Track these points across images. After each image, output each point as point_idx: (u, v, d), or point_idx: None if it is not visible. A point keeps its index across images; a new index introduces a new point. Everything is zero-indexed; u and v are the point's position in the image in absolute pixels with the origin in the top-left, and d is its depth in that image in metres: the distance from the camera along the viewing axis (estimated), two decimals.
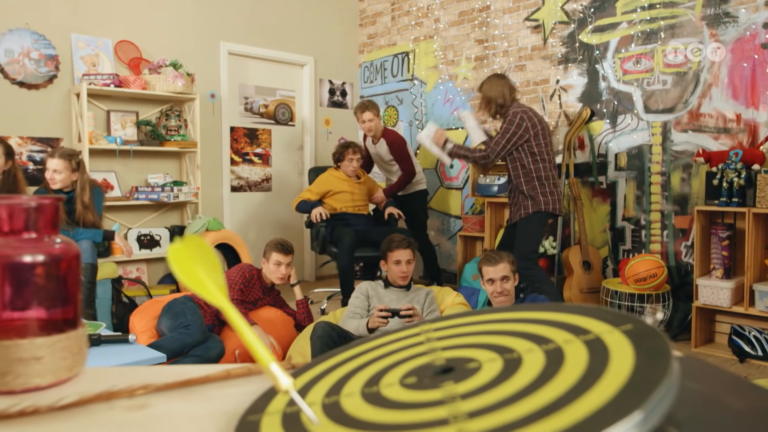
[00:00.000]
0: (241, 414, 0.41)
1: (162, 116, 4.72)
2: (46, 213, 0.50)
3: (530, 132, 3.53)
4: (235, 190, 5.30)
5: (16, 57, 4.15)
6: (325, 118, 5.85)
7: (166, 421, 0.43)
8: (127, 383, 0.49)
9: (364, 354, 0.48)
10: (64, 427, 0.43)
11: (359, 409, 0.37)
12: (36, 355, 0.48)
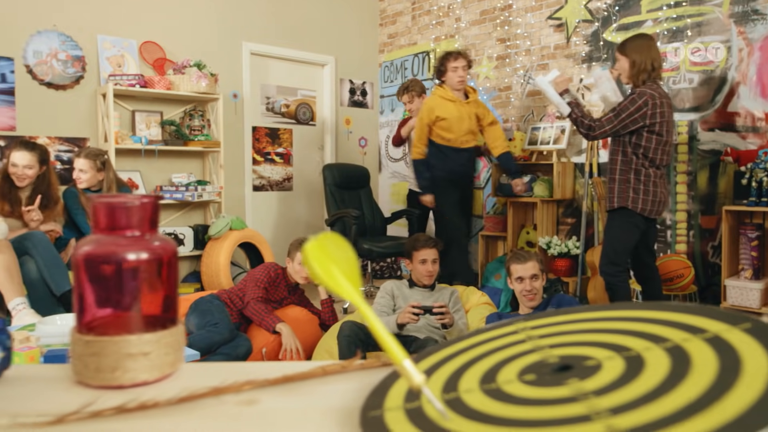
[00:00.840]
0: (360, 410, 0.41)
1: (186, 116, 4.76)
2: (148, 211, 0.51)
3: (646, 120, 3.03)
4: (256, 190, 5.33)
5: (44, 58, 4.20)
6: (346, 117, 5.87)
7: (279, 417, 0.44)
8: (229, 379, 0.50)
9: (463, 353, 0.49)
10: (181, 420, 0.43)
11: (485, 404, 0.38)
12: (143, 350, 0.49)
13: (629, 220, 3.14)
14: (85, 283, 0.50)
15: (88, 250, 0.50)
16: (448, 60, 3.92)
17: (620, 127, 3.07)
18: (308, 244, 0.38)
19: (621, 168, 3.17)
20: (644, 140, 3.07)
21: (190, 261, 4.83)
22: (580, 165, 4.53)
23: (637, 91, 3.07)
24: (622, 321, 0.46)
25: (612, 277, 3.19)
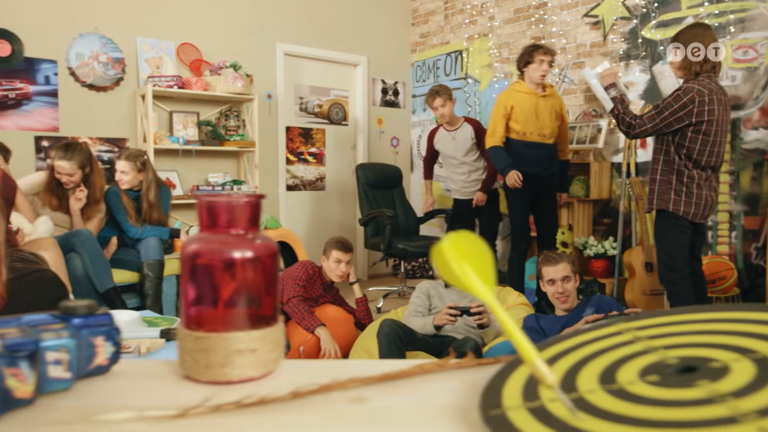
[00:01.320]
0: (479, 409, 0.41)
1: (221, 116, 4.83)
2: (252, 210, 0.52)
3: (692, 119, 2.86)
4: (290, 189, 5.38)
5: (86, 60, 4.30)
6: (378, 117, 5.88)
7: (393, 415, 0.45)
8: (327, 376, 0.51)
9: (565, 355, 0.48)
10: (297, 417, 0.44)
11: (614, 405, 0.38)
12: (251, 346, 0.50)
13: (675, 223, 3.01)
14: (192, 280, 0.51)
15: (195, 247, 0.51)
16: (537, 52, 3.76)
17: (663, 125, 2.93)
18: (443, 242, 0.38)
19: (662, 168, 3.03)
20: (688, 140, 2.90)
21: None
22: (617, 164, 4.46)
23: (684, 86, 2.90)
24: (734, 323, 0.45)
25: (674, 284, 3.04)
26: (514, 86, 3.92)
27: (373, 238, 4.80)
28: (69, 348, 0.47)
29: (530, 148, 3.89)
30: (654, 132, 3.00)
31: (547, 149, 3.97)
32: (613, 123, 4.46)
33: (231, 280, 0.51)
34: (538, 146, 3.91)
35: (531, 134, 3.87)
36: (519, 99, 3.85)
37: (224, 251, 0.50)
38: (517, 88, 3.89)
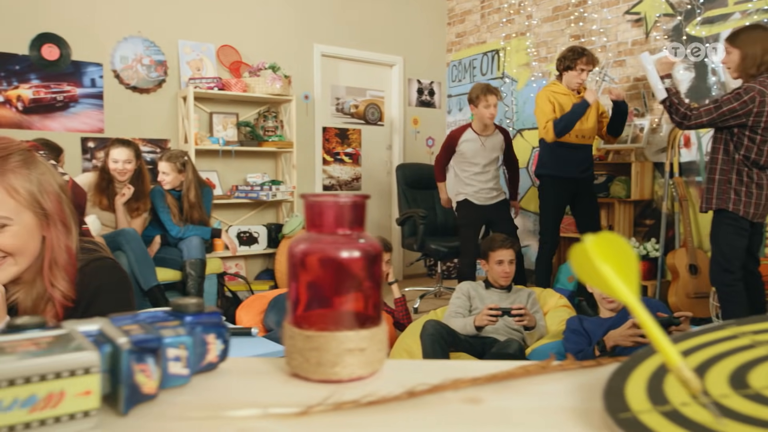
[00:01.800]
0: (606, 412, 0.41)
1: (260, 117, 4.88)
2: (358, 210, 0.52)
3: (750, 119, 2.83)
4: (326, 189, 5.41)
5: (130, 63, 4.39)
6: (414, 117, 5.88)
7: (515, 416, 0.44)
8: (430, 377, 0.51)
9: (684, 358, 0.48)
10: (416, 416, 0.44)
11: (755, 410, 0.37)
12: (360, 346, 0.50)
13: (733, 224, 2.94)
14: (301, 279, 0.52)
15: (303, 247, 0.52)
16: (580, 60, 3.71)
17: (719, 120, 2.89)
18: (586, 241, 0.38)
19: (722, 167, 2.97)
20: (746, 140, 2.87)
21: (264, 259, 4.95)
22: (659, 165, 4.37)
23: (745, 86, 2.86)
24: None
25: (726, 286, 2.97)
26: (552, 87, 3.89)
27: (408, 238, 4.80)
28: (187, 345, 0.48)
29: (568, 149, 3.85)
30: (708, 125, 2.95)
31: (585, 150, 3.93)
32: (656, 122, 4.38)
33: (339, 279, 0.51)
34: (576, 147, 3.88)
35: (569, 135, 3.83)
36: (559, 100, 3.81)
37: (333, 251, 0.51)
38: (554, 89, 3.85)
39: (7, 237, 0.98)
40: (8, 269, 1.00)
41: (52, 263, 1.03)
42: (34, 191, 1.00)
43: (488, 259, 3.31)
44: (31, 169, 1.01)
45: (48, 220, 1.03)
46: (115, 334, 0.44)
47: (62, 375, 0.40)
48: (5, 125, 3.96)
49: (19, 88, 4.01)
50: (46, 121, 4.11)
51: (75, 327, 0.46)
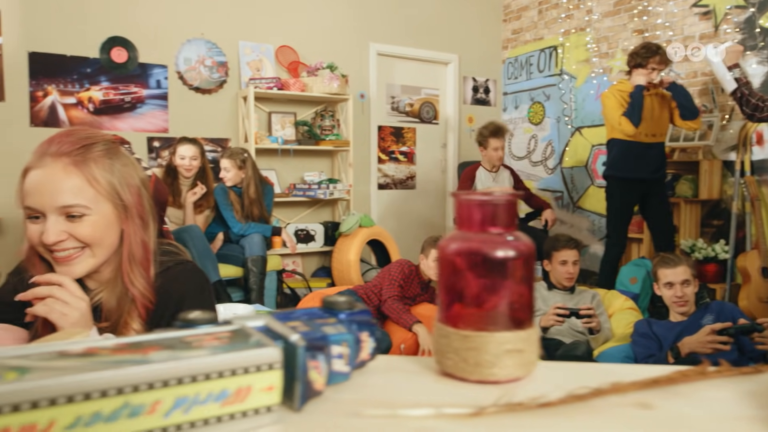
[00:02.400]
0: None
1: (317, 116, 4.93)
2: (510, 209, 0.52)
3: None
4: (381, 188, 5.42)
5: (193, 65, 4.51)
6: (468, 115, 5.83)
7: (692, 423, 0.43)
8: (583, 379, 0.49)
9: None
10: (592, 421, 0.43)
11: None
12: (518, 347, 0.49)
13: None
14: (452, 278, 0.51)
15: (456, 246, 0.51)
16: (653, 58, 3.58)
17: None
18: None
19: None
20: None
21: (321, 256, 5.00)
22: (729, 163, 4.20)
23: None
24: None
25: None
26: (618, 86, 3.76)
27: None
28: (349, 342, 0.48)
29: (638, 148, 3.72)
30: None
31: (657, 149, 3.79)
32: (725, 118, 4.21)
33: (494, 278, 0.50)
34: (647, 146, 3.73)
35: (639, 134, 3.70)
36: (627, 99, 3.67)
37: (488, 249, 0.50)
38: (621, 88, 3.72)
39: (84, 227, 0.95)
40: (86, 261, 0.98)
41: (130, 258, 1.01)
42: (114, 182, 0.98)
43: (551, 259, 3.26)
44: (113, 160, 0.99)
45: (126, 213, 1.00)
46: (285, 330, 0.45)
47: (249, 370, 0.40)
48: (78, 125, 4.12)
49: (90, 90, 4.17)
50: (115, 121, 4.25)
51: (245, 323, 0.47)
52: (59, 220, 0.94)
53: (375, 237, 4.73)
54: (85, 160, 0.96)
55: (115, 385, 0.35)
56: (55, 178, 0.94)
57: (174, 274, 1.07)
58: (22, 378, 0.34)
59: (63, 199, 0.93)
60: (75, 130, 1.01)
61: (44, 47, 4.00)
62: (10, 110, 3.92)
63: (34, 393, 0.33)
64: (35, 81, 3.99)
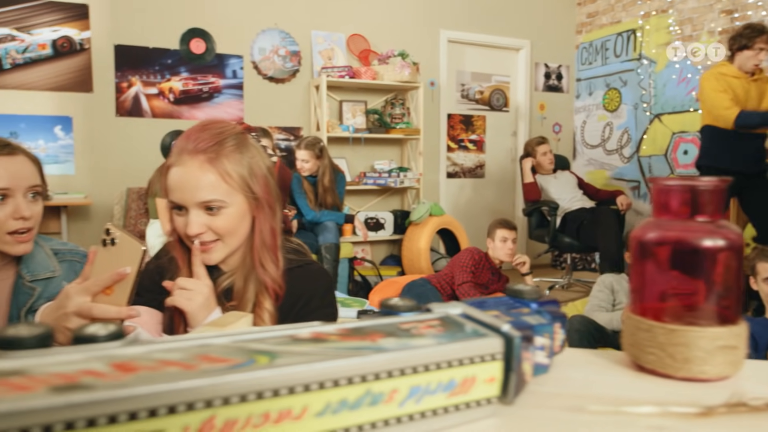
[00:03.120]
0: None
1: (387, 105, 4.92)
2: (718, 196, 0.48)
3: None
4: (450, 177, 5.37)
5: (267, 54, 4.58)
6: (540, 102, 5.68)
7: None
8: None
9: None
10: None
11: None
12: (732, 343, 0.46)
13: None
14: (650, 268, 0.48)
15: (655, 234, 0.48)
16: (759, 38, 3.36)
17: None
18: None
19: None
20: None
21: (389, 245, 5.01)
22: None
23: None
24: None
25: None
26: (720, 68, 3.52)
27: (537, 229, 4.66)
28: (550, 333, 0.46)
29: (736, 139, 3.47)
30: None
31: (757, 141, 3.54)
32: None
33: (700, 270, 0.47)
34: (747, 137, 3.48)
35: None
36: (730, 83, 3.44)
37: (694, 239, 0.47)
38: (723, 71, 3.48)
39: (220, 220, 1.00)
40: (220, 250, 1.03)
41: (261, 245, 1.05)
42: (245, 175, 1.02)
43: None
44: (243, 153, 1.03)
45: (257, 202, 1.04)
46: (493, 320, 0.43)
47: (474, 360, 0.39)
48: (159, 115, 4.26)
49: (170, 80, 4.30)
50: (193, 111, 4.38)
51: (446, 310, 0.45)
52: (200, 214, 1.00)
53: (445, 226, 4.69)
54: (218, 157, 1.00)
55: (360, 373, 0.35)
56: (194, 176, 0.99)
57: (302, 273, 1.10)
58: (274, 363, 0.33)
59: (201, 195, 0.99)
60: (208, 125, 1.05)
61: (129, 40, 4.15)
62: (98, 101, 4.09)
63: (291, 378, 0.33)
64: (120, 72, 4.15)
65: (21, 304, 1.28)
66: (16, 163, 1.22)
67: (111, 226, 0.86)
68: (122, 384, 0.29)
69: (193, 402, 0.30)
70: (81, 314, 0.81)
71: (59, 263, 1.35)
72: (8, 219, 1.20)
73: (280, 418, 0.32)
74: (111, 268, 0.83)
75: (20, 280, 1.28)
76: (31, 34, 3.90)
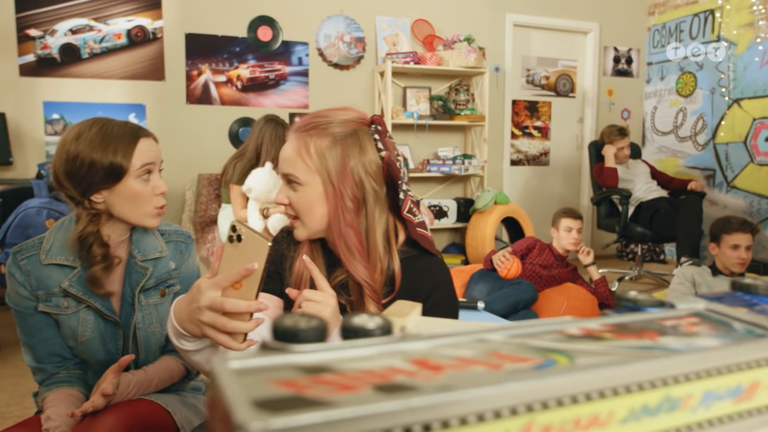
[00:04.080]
0: None
1: (451, 91, 4.85)
2: None
3: None
4: (513, 164, 5.27)
5: (332, 41, 4.57)
6: (608, 88, 5.50)
7: None
8: None
9: None
10: None
11: None
12: None
13: None
14: None
15: None
16: None
17: None
18: None
19: None
20: None
21: (453, 233, 4.96)
22: None
23: None
24: None
25: None
26: None
27: (606, 218, 4.52)
28: None
29: None
30: None
31: None
32: None
33: None
34: None
35: None
36: None
37: None
38: None
39: (296, 196, 1.04)
40: (300, 229, 1.07)
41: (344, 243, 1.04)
42: (327, 162, 1.01)
43: (720, 242, 3.01)
44: (336, 142, 1.02)
45: (335, 194, 1.03)
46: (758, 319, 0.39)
47: (761, 364, 0.35)
48: (227, 102, 4.32)
49: (238, 68, 4.35)
50: (260, 98, 4.42)
51: (692, 306, 0.42)
52: (285, 186, 1.07)
53: (510, 215, 4.61)
54: (310, 137, 1.02)
55: (661, 375, 0.31)
56: (285, 149, 1.06)
57: (425, 264, 1.10)
58: (576, 365, 0.31)
59: (283, 167, 1.05)
60: (332, 109, 1.09)
61: (199, 28, 4.21)
62: (169, 89, 4.17)
63: (601, 381, 0.30)
64: (190, 61, 4.22)
65: (134, 283, 1.31)
66: (153, 143, 1.29)
67: (237, 223, 0.87)
68: (446, 386, 0.27)
69: (515, 406, 0.27)
70: (213, 308, 0.83)
71: (166, 244, 1.38)
72: (153, 195, 1.27)
73: (589, 424, 0.30)
74: (238, 264, 0.84)
75: (132, 259, 1.31)
76: (108, 24, 4.01)
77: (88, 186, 1.21)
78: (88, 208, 1.24)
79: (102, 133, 1.22)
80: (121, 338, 1.33)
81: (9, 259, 1.27)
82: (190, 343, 0.90)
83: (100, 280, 1.25)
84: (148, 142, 1.27)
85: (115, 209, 1.25)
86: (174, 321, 0.89)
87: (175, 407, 1.31)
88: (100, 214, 1.25)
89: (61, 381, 1.30)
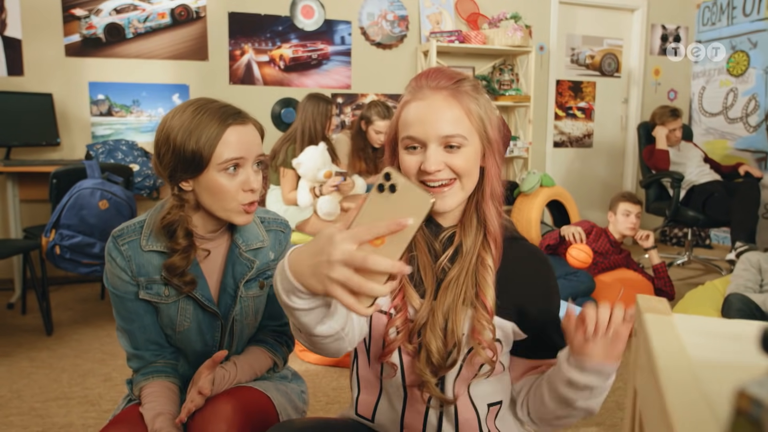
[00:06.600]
0: None
1: (495, 70, 4.74)
2: None
3: None
4: (556, 146, 5.16)
5: (375, 20, 4.47)
6: (655, 67, 5.33)
7: None
8: None
9: None
10: None
11: None
12: None
13: None
14: None
15: None
16: None
17: None
18: None
19: None
20: None
21: None
22: None
23: None
24: None
25: None
26: None
27: (656, 202, 4.41)
28: None
29: None
30: None
31: None
32: None
33: None
34: None
35: None
36: None
37: None
38: None
39: (460, 157, 0.96)
40: (456, 194, 0.98)
41: (491, 194, 1.01)
42: (483, 116, 0.99)
43: None
44: (479, 96, 1.00)
45: (491, 148, 1.01)
46: None
47: None
48: (270, 82, 4.26)
49: (281, 47, 4.28)
50: (302, 78, 4.35)
51: None
52: (439, 150, 0.96)
53: (556, 197, 4.51)
54: (460, 93, 0.97)
55: None
56: (438, 109, 0.96)
57: (519, 247, 1.06)
58: None
59: (445, 128, 0.95)
60: (442, 68, 1.03)
61: (242, 7, 4.14)
62: (213, 69, 4.12)
63: None
64: (233, 40, 4.15)
65: (238, 276, 1.25)
66: (248, 133, 1.18)
67: (392, 171, 0.73)
68: None
69: None
70: (349, 263, 0.69)
71: (266, 232, 1.32)
72: (239, 191, 1.16)
73: None
74: (385, 217, 0.71)
75: (236, 249, 1.26)
76: (152, 3, 3.95)
77: (173, 172, 1.15)
78: (177, 194, 1.18)
79: (192, 116, 1.13)
80: (219, 330, 1.29)
81: (109, 242, 1.22)
82: (303, 301, 0.77)
83: (179, 269, 1.19)
84: (241, 131, 1.15)
85: (202, 200, 1.18)
86: (289, 274, 0.75)
87: (272, 394, 1.28)
88: (186, 201, 1.18)
89: (158, 371, 1.26)
